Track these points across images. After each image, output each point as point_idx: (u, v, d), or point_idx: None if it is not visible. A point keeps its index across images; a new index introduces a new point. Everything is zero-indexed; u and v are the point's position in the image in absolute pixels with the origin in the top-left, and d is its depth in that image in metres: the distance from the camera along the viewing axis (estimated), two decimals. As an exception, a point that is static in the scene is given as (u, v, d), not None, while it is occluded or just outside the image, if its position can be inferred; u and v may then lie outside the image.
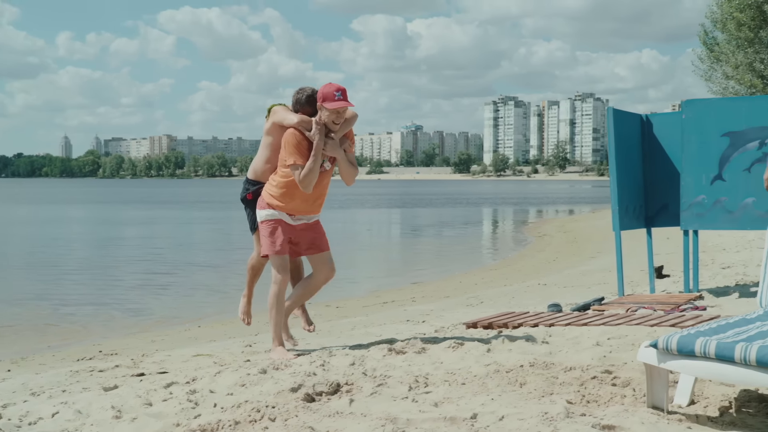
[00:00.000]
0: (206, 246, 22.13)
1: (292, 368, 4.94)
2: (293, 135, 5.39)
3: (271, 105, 5.77)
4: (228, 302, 10.77)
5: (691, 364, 3.39)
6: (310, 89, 5.60)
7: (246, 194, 5.86)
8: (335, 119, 5.38)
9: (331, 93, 5.35)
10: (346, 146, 5.54)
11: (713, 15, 33.25)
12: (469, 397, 3.90)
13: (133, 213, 41.92)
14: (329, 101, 5.34)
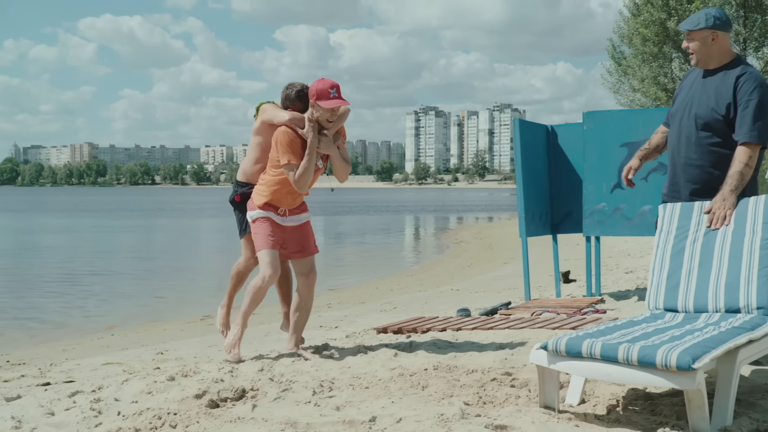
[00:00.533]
0: (123, 254, 21.70)
1: (201, 375, 4.90)
2: (285, 133, 5.15)
3: (259, 103, 5.52)
4: (142, 309, 10.60)
5: (579, 365, 3.49)
6: (299, 85, 5.36)
7: (234, 196, 5.59)
8: (329, 117, 5.14)
9: (326, 90, 5.10)
10: (339, 143, 5.32)
11: (620, 30, 34.20)
12: (371, 401, 3.93)
13: (51, 221, 40.84)
14: (324, 99, 5.09)
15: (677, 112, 4.54)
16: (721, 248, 4.30)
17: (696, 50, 4.43)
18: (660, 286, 4.39)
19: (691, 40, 4.44)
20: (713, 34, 4.39)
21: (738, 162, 4.23)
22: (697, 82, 4.51)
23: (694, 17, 4.45)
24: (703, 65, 4.48)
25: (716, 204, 4.21)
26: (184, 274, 15.98)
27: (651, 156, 4.84)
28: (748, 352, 3.73)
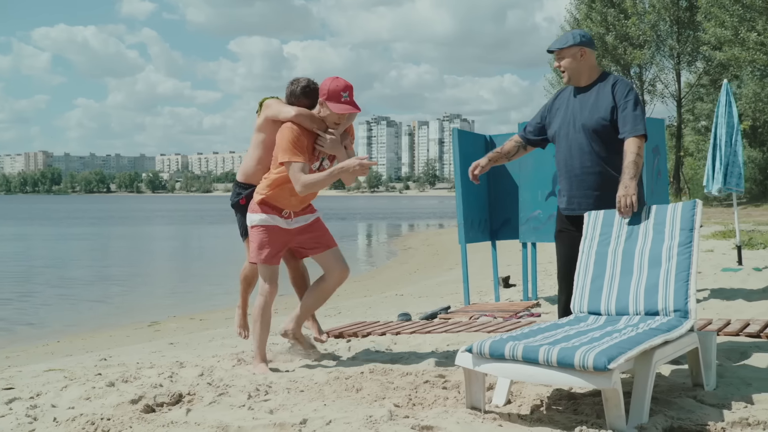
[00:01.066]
0: (73, 261, 21.33)
1: (141, 380, 4.86)
2: (290, 129, 4.77)
3: (263, 99, 5.19)
4: (90, 316, 10.45)
5: (503, 367, 3.54)
6: (305, 80, 5.01)
7: (239, 199, 5.27)
8: (336, 120, 4.81)
9: (338, 92, 4.77)
10: (347, 143, 4.97)
11: (562, 44, 34.69)
12: (305, 404, 3.93)
13: (2, 229, 39.98)
14: (334, 102, 4.77)
15: (561, 130, 4.66)
16: (641, 253, 4.40)
17: (567, 67, 4.60)
18: (584, 290, 4.47)
19: (561, 59, 4.62)
20: (581, 51, 4.61)
21: (630, 153, 4.40)
22: (573, 101, 4.67)
23: (562, 38, 4.67)
24: (575, 82, 4.67)
25: (620, 193, 4.33)
26: (132, 281, 15.76)
27: (500, 160, 5.00)
28: (663, 353, 3.82)
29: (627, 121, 4.47)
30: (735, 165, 10.74)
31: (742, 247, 12.45)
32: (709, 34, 26.82)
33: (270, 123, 4.98)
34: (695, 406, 3.90)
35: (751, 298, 7.88)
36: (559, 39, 4.68)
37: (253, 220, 4.97)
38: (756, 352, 5.15)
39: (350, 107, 4.77)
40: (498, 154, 4.98)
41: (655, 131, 8.02)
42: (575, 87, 4.69)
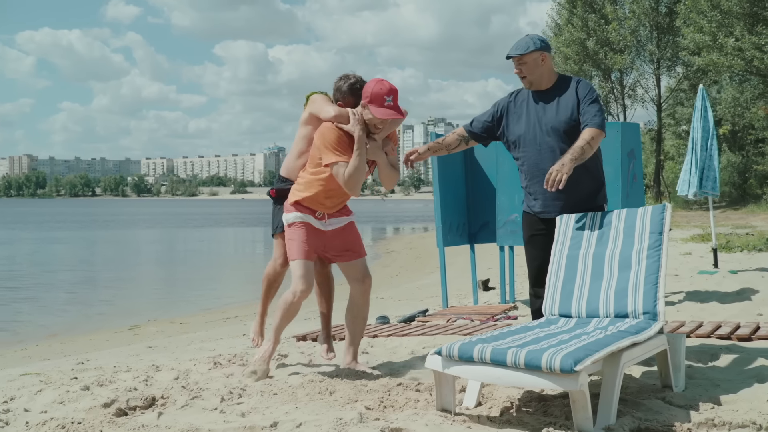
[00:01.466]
0: (54, 265, 21.21)
1: (116, 384, 4.85)
2: (331, 130, 4.62)
3: (310, 93, 5.02)
4: (70, 320, 10.40)
5: (471, 369, 3.55)
6: (354, 77, 4.83)
7: (270, 189, 5.21)
8: (378, 124, 4.62)
9: (381, 96, 4.56)
10: (389, 149, 4.78)
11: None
12: (277, 407, 3.94)
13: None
14: (377, 105, 4.57)
15: (527, 135, 4.64)
16: (611, 257, 4.43)
17: (529, 73, 4.60)
18: (556, 292, 4.50)
19: (523, 64, 4.60)
20: (542, 56, 4.62)
21: (582, 139, 4.40)
22: (534, 105, 4.66)
23: (522, 44, 4.62)
24: (536, 86, 4.66)
25: (555, 168, 4.29)
26: (114, 285, 15.68)
27: (440, 151, 4.90)
28: (631, 355, 3.85)
29: (587, 113, 4.50)
30: (711, 169, 10.82)
31: (718, 251, 12.56)
32: (688, 39, 27.03)
33: (314, 118, 4.84)
34: (663, 407, 3.93)
35: (725, 301, 7.95)
36: (519, 45, 4.64)
37: (288, 218, 4.80)
38: (725, 354, 5.19)
39: (394, 112, 4.59)
40: (439, 144, 4.88)
41: (630, 135, 8.07)
42: (534, 91, 4.69)
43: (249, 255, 25.44)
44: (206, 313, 10.73)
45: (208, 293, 13.81)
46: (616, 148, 7.61)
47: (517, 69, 4.65)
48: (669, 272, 10.99)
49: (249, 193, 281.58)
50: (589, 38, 30.40)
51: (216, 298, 13.03)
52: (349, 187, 4.60)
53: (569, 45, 30.85)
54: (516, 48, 4.64)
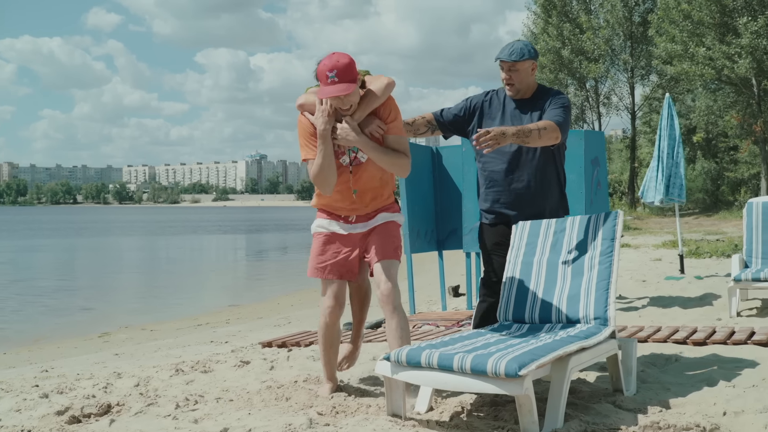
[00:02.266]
0: (25, 273, 21.05)
1: (75, 392, 4.83)
2: (300, 123, 4.10)
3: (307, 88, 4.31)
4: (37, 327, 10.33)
5: (419, 375, 3.57)
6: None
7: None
8: (337, 104, 3.94)
9: (324, 74, 3.87)
10: (374, 128, 4.03)
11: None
12: (230, 413, 3.94)
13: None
14: (322, 85, 3.91)
15: None
16: (565, 263, 4.47)
17: (519, 81, 4.48)
18: (510, 298, 4.53)
19: (515, 71, 4.47)
20: (533, 65, 4.53)
21: (535, 125, 4.25)
22: (513, 111, 4.57)
23: (516, 49, 4.47)
24: (522, 95, 4.56)
25: (495, 130, 4.04)
26: (87, 292, 15.58)
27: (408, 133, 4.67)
28: (579, 359, 3.89)
29: (552, 111, 4.40)
30: (677, 176, 10.93)
31: (684, 257, 12.67)
32: (660, 48, 27.28)
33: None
34: (612, 410, 3.97)
35: (687, 306, 8.02)
36: (513, 50, 4.45)
37: (312, 227, 4.36)
38: (680, 358, 5.25)
39: (335, 89, 3.83)
40: (408, 126, 4.68)
41: (595, 143, 8.13)
42: (513, 98, 4.58)
43: (226, 262, 25.38)
44: (178, 320, 10.70)
45: (183, 300, 13.76)
46: (580, 155, 7.67)
47: (507, 75, 4.48)
48: (637, 278, 11.08)
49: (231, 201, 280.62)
50: (564, 47, 30.62)
51: (189, 305, 12.99)
52: (318, 186, 4.07)
53: (545, 54, 31.06)
54: (511, 53, 4.45)
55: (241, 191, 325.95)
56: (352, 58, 3.92)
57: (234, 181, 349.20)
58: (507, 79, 4.51)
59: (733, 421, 3.79)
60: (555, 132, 4.31)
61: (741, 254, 7.85)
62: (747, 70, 24.91)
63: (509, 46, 4.52)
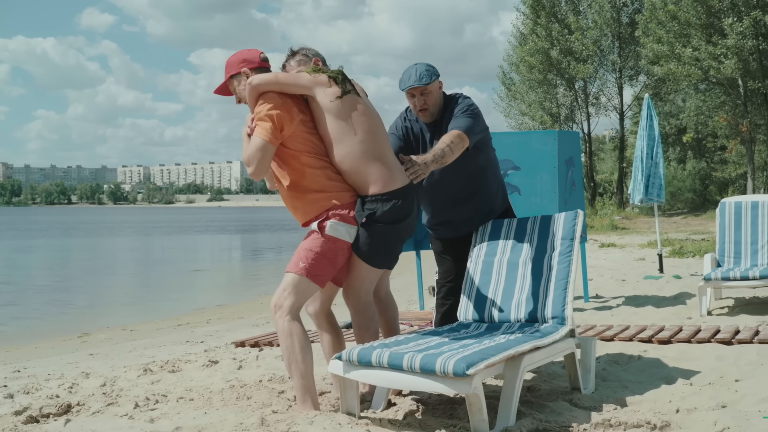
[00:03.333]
0: (10, 272, 21.03)
1: (41, 392, 4.85)
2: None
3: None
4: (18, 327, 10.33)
5: (370, 374, 3.60)
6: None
7: None
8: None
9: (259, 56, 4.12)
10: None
11: (510, 58, 35.13)
12: (187, 412, 3.96)
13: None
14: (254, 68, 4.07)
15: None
16: (525, 263, 4.50)
17: (432, 104, 4.38)
18: (471, 297, 4.56)
19: (428, 94, 4.36)
20: (440, 83, 4.46)
21: (442, 142, 4.14)
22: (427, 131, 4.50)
23: (423, 72, 4.33)
24: (434, 116, 4.45)
25: (419, 160, 3.99)
26: (72, 292, 15.55)
27: None
28: (533, 358, 3.91)
29: (458, 120, 4.32)
30: (656, 176, 10.97)
31: (667, 256, 12.71)
32: (647, 49, 27.34)
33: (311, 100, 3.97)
34: (567, 408, 4.00)
35: (661, 305, 8.06)
36: (420, 74, 4.32)
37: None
38: (643, 357, 5.28)
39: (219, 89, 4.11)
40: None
41: (569, 143, 8.17)
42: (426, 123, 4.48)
43: (216, 262, 25.37)
44: (160, 320, 10.69)
45: (168, 301, 13.75)
46: (553, 156, 7.71)
47: (420, 101, 4.36)
48: (617, 277, 11.12)
49: (226, 201, 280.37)
50: (553, 47, 30.66)
51: (175, 305, 12.98)
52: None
53: (533, 54, 31.10)
54: (420, 77, 4.32)
55: (236, 191, 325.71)
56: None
57: (229, 182, 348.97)
58: (421, 104, 4.38)
59: (685, 418, 3.83)
60: (462, 140, 4.21)
61: (714, 254, 7.89)
62: (733, 70, 24.98)
63: (414, 71, 4.36)
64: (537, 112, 32.79)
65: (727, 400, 4.09)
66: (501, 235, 4.68)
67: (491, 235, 4.70)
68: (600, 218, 27.69)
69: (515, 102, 34.70)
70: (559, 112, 33.73)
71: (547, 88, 32.79)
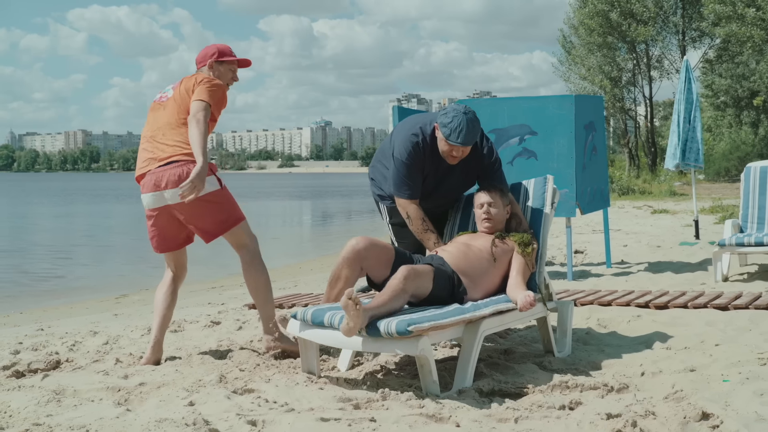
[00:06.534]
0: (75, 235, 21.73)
1: (47, 349, 5.05)
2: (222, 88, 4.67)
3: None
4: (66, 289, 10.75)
5: (322, 334, 3.68)
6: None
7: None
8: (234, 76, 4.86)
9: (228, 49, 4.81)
10: None
11: (570, 21, 34.38)
12: (162, 369, 4.11)
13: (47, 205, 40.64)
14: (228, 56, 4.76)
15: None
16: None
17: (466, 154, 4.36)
18: (448, 262, 4.58)
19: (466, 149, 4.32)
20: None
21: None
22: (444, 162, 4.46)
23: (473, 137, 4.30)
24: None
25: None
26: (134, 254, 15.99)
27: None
28: (494, 322, 3.95)
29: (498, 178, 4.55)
30: (694, 141, 10.70)
31: (715, 223, 12.42)
32: (709, 9, 26.44)
33: None
34: (532, 370, 4.03)
35: (682, 271, 7.94)
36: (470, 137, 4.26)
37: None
38: (634, 321, 5.26)
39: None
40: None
41: (590, 108, 8.05)
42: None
43: (278, 227, 25.69)
44: (197, 282, 10.94)
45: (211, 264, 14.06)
46: (570, 120, 7.61)
47: (458, 153, 4.30)
48: (654, 243, 10.94)
49: (296, 167, 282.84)
50: (613, 9, 29.90)
51: (217, 269, 13.29)
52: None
53: (592, 17, 30.41)
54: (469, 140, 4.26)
55: (306, 158, 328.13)
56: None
57: (299, 148, 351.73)
58: (458, 155, 4.33)
59: (646, 381, 3.83)
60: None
61: (737, 219, 7.72)
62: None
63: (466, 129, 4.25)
64: (597, 77, 32.08)
65: (697, 364, 4.07)
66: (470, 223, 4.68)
67: (465, 205, 4.72)
68: (659, 184, 27.06)
69: (575, 66, 34.00)
70: (619, 76, 32.93)
71: (606, 51, 32.01)
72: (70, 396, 3.57)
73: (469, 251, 4.20)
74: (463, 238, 4.38)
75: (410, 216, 4.43)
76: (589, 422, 3.10)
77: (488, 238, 4.29)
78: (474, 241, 4.30)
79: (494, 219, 4.33)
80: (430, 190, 4.53)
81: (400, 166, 4.41)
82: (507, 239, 4.30)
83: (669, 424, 3.06)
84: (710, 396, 3.42)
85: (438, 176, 4.50)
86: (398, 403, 3.32)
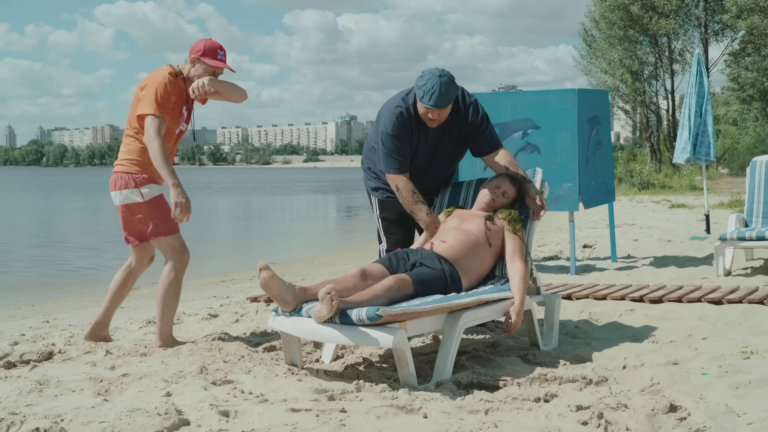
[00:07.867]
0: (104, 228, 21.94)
1: (46, 340, 5.13)
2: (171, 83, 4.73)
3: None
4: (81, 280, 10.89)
5: (300, 327, 3.71)
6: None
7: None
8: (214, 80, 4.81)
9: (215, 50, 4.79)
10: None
11: (591, 14, 34.14)
12: (148, 360, 4.16)
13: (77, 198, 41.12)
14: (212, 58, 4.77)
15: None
16: (489, 221, 4.52)
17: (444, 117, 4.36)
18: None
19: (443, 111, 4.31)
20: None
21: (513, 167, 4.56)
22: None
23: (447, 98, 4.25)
24: None
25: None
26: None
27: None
28: (476, 315, 3.96)
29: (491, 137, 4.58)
30: (705, 135, 10.62)
31: (716, 217, 12.32)
32: (731, 2, 26.15)
33: None
34: (514, 363, 4.04)
35: (685, 265, 7.89)
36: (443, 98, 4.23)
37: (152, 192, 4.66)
38: (625, 315, 5.25)
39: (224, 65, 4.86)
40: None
41: (594, 102, 8.03)
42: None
43: (296, 221, 25.79)
44: (209, 276, 11.05)
45: (226, 258, 14.18)
46: (573, 114, 7.59)
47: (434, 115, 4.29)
48: (665, 237, 10.87)
49: (321, 162, 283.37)
50: (634, 2, 29.68)
51: (231, 262, 13.40)
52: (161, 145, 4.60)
53: (613, 10, 30.20)
54: (443, 101, 4.24)
55: (331, 152, 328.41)
56: None
57: (324, 142, 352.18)
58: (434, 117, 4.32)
59: (626, 374, 3.83)
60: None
61: (742, 214, 7.67)
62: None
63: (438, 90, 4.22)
64: (617, 70, 31.85)
65: (681, 357, 4.06)
66: (460, 199, 4.72)
67: (451, 197, 4.75)
68: (680, 179, 26.82)
69: (596, 60, 33.78)
70: (641, 69, 32.65)
71: (627, 44, 31.75)
72: (53, 386, 3.62)
73: (467, 239, 4.24)
74: (454, 221, 4.39)
75: (400, 188, 4.41)
76: (558, 414, 3.11)
77: (479, 221, 4.32)
78: (466, 225, 4.33)
79: (497, 205, 4.41)
80: (424, 164, 4.53)
81: (386, 140, 4.41)
82: (496, 218, 4.33)
83: (637, 416, 3.07)
84: (686, 389, 3.42)
85: (429, 146, 4.50)
86: (372, 395, 3.36)
